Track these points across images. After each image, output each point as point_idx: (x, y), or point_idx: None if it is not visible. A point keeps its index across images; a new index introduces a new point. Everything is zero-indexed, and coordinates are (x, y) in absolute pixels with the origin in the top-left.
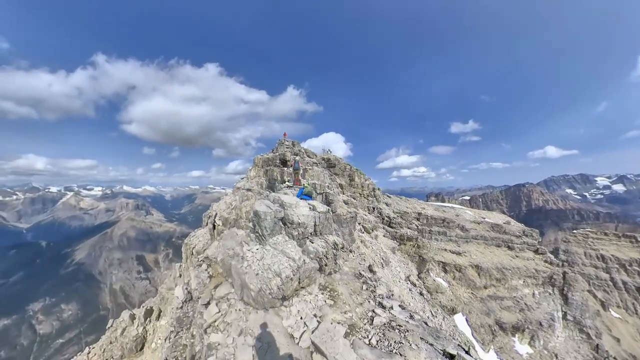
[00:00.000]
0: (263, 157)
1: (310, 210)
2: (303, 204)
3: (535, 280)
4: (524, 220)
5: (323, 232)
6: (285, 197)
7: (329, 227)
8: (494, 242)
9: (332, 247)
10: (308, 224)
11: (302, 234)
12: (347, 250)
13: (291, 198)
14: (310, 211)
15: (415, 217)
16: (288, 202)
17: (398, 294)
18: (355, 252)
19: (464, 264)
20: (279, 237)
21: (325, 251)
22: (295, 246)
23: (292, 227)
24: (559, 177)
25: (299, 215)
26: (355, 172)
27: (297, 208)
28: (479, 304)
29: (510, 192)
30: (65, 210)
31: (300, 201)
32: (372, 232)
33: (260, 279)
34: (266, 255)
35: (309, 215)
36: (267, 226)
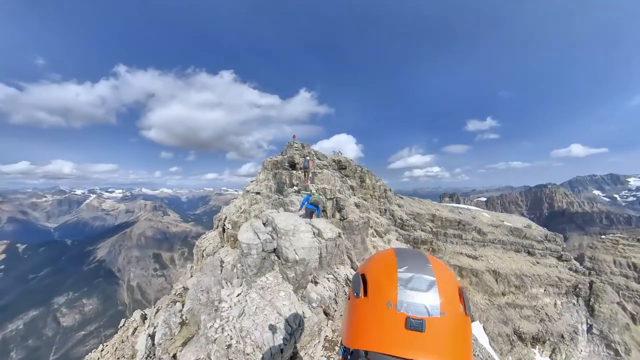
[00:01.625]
0: (272, 160)
1: (314, 237)
2: (304, 229)
3: (557, 289)
4: (546, 223)
5: (332, 263)
6: (280, 219)
7: (339, 257)
8: (513, 247)
9: (343, 285)
10: (310, 259)
11: (302, 274)
12: None
13: (289, 219)
14: (313, 239)
15: (429, 219)
16: (284, 228)
17: None
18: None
19: (481, 268)
20: (269, 276)
21: (334, 294)
22: (290, 294)
23: (287, 266)
24: (585, 178)
25: (297, 248)
26: (366, 174)
27: (295, 236)
28: (496, 311)
29: (531, 193)
30: (88, 211)
31: (300, 224)
32: (384, 235)
33: (234, 353)
34: (248, 309)
35: (311, 247)
36: (252, 263)
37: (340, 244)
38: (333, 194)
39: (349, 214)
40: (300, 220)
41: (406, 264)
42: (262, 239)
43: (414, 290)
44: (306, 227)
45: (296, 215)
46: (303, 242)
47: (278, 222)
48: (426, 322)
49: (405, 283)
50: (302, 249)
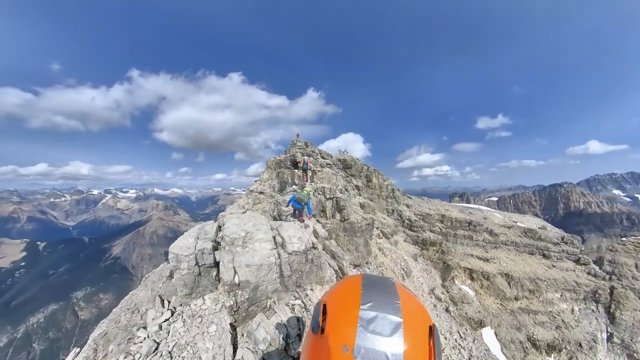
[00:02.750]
0: (275, 159)
1: (275, 249)
2: (262, 237)
3: (575, 294)
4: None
5: (302, 283)
6: (234, 222)
7: (315, 274)
8: (527, 249)
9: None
10: (261, 281)
11: (249, 301)
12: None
13: (248, 222)
14: (271, 252)
15: (438, 220)
16: (231, 235)
17: None
18: (372, 263)
19: (493, 271)
20: (208, 300)
21: (299, 329)
22: (224, 330)
23: (226, 289)
24: (604, 176)
25: (240, 266)
26: (372, 173)
27: (245, 247)
28: (509, 316)
29: (545, 193)
30: (104, 210)
31: (259, 230)
32: (391, 237)
33: None
34: (164, 347)
35: (262, 265)
36: (182, 281)
37: (316, 257)
38: (333, 194)
39: (351, 214)
40: (263, 224)
41: (371, 299)
42: (197, 249)
43: (375, 333)
44: (266, 235)
45: (262, 218)
46: (253, 256)
47: (229, 225)
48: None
49: (366, 324)
50: (246, 267)
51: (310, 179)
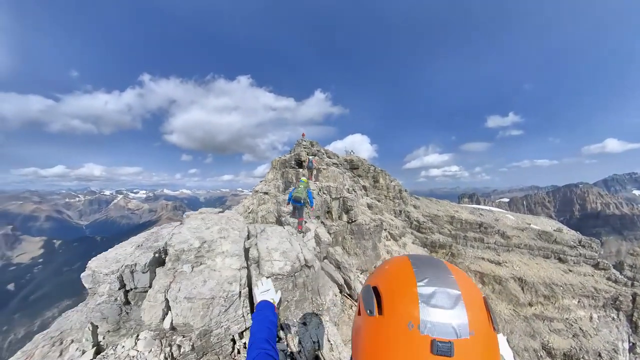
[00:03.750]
0: (280, 159)
1: (242, 269)
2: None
3: (594, 301)
4: (577, 226)
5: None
6: (190, 227)
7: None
8: (542, 253)
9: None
10: (209, 327)
11: (199, 351)
12: None
13: (216, 224)
14: (236, 275)
15: (447, 221)
16: (182, 245)
17: None
18: None
19: (505, 275)
20: (141, 341)
21: None
22: None
23: (153, 335)
24: (623, 176)
25: (179, 299)
26: (379, 173)
27: (199, 265)
28: (522, 323)
29: (560, 194)
30: (116, 210)
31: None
32: (399, 239)
33: None
34: None
35: (213, 298)
36: (99, 311)
37: (311, 280)
38: (340, 193)
39: (359, 215)
40: (234, 229)
41: (426, 275)
42: (126, 265)
43: (437, 307)
44: (234, 247)
45: (236, 221)
46: (205, 281)
47: (181, 230)
48: (454, 345)
49: (427, 299)
50: (187, 300)
51: (315, 178)
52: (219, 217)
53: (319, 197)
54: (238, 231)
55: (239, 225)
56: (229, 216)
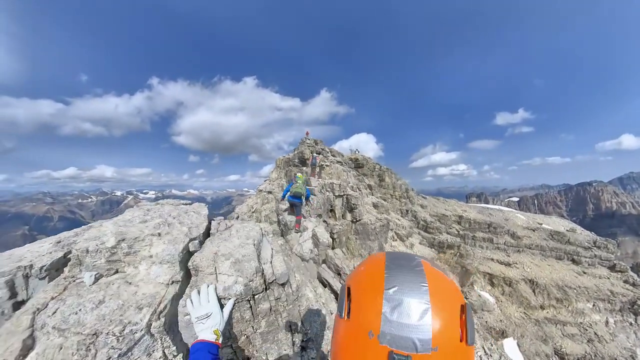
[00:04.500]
0: (284, 158)
1: (172, 284)
2: (161, 254)
3: (610, 304)
4: (591, 226)
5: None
6: (122, 219)
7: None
8: (554, 254)
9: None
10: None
11: None
12: None
13: (161, 216)
14: (154, 294)
15: (455, 221)
16: (90, 243)
17: None
18: None
19: (516, 277)
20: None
21: None
22: None
23: None
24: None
25: (48, 330)
26: (385, 172)
27: (112, 274)
28: (533, 327)
29: (572, 192)
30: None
31: (162, 237)
32: (406, 239)
33: None
34: None
35: (97, 331)
36: None
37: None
38: (343, 191)
39: (364, 214)
40: (174, 226)
41: (396, 282)
42: (18, 266)
43: (401, 320)
44: (169, 249)
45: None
46: (93, 304)
47: (107, 224)
48: (412, 359)
49: (391, 310)
50: (56, 333)
51: (318, 175)
52: (171, 208)
53: (320, 194)
54: (187, 227)
55: (195, 219)
56: (190, 209)
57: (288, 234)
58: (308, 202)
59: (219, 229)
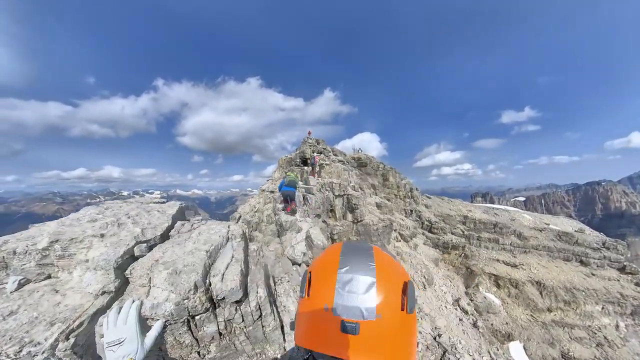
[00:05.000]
0: (287, 157)
1: (105, 294)
2: (98, 259)
3: (620, 308)
4: (600, 227)
5: None
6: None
7: None
8: (562, 255)
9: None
10: None
11: None
12: None
13: (112, 215)
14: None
15: (460, 221)
16: (18, 244)
17: (445, 329)
18: None
19: (522, 278)
20: None
21: None
22: None
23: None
24: None
25: None
26: (389, 171)
27: (40, 280)
28: (540, 329)
29: (580, 192)
30: None
31: (105, 239)
32: (410, 240)
33: None
34: None
35: None
36: None
37: (248, 324)
38: (344, 190)
39: (365, 215)
40: (126, 226)
41: (348, 263)
42: None
43: (351, 292)
44: (109, 253)
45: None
46: None
47: (43, 224)
48: (360, 326)
49: (343, 285)
50: None
51: (318, 175)
52: (135, 207)
53: (320, 193)
54: (141, 228)
55: (156, 219)
56: (155, 208)
57: (283, 234)
58: (306, 202)
59: (180, 231)
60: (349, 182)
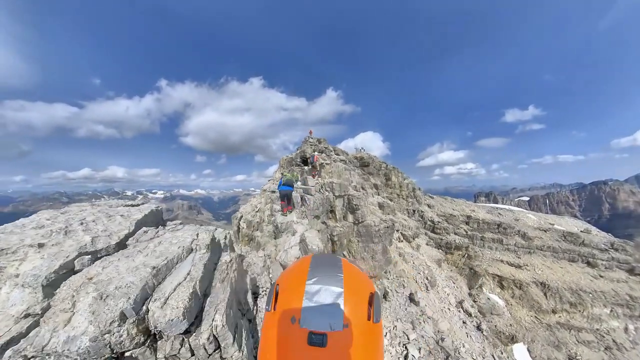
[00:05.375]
0: (287, 158)
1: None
2: (26, 274)
3: (629, 310)
4: (606, 227)
5: None
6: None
7: None
8: (567, 256)
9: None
10: None
11: None
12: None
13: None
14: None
15: (463, 221)
16: None
17: (448, 332)
18: (392, 271)
19: (526, 279)
20: None
21: None
22: None
23: None
24: None
25: None
26: (391, 171)
27: None
28: (545, 332)
29: (586, 192)
30: None
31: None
32: (412, 240)
33: None
34: None
35: None
36: None
37: None
38: (344, 190)
39: (367, 216)
40: (75, 233)
41: (317, 274)
42: None
43: (319, 303)
44: (43, 267)
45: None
46: None
47: None
48: (328, 337)
49: (311, 297)
50: None
51: (318, 174)
52: (97, 210)
53: (319, 194)
54: (92, 236)
55: (115, 226)
56: (119, 212)
57: (279, 236)
58: (304, 203)
59: (140, 239)
60: (350, 182)
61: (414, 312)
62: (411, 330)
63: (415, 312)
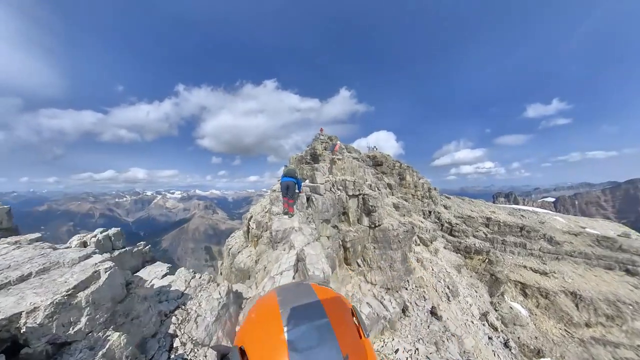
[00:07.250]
0: (297, 156)
1: None
2: None
3: None
4: None
5: None
6: None
7: None
8: (602, 263)
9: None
10: None
11: None
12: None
13: None
14: None
15: (482, 223)
16: None
17: (473, 349)
18: (411, 280)
19: (553, 288)
20: None
21: None
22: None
23: None
24: None
25: None
26: (406, 170)
27: None
28: (576, 347)
29: (620, 191)
30: (156, 209)
31: None
32: (430, 244)
33: None
34: None
35: None
36: None
37: None
38: (359, 189)
39: (384, 218)
40: None
41: (293, 315)
42: None
43: (310, 349)
44: None
45: None
46: None
47: None
48: None
49: (296, 345)
50: None
51: (329, 171)
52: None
53: (330, 193)
54: None
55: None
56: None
57: (275, 247)
58: (311, 203)
59: None
60: (365, 180)
61: (437, 330)
62: (435, 354)
63: (438, 329)
